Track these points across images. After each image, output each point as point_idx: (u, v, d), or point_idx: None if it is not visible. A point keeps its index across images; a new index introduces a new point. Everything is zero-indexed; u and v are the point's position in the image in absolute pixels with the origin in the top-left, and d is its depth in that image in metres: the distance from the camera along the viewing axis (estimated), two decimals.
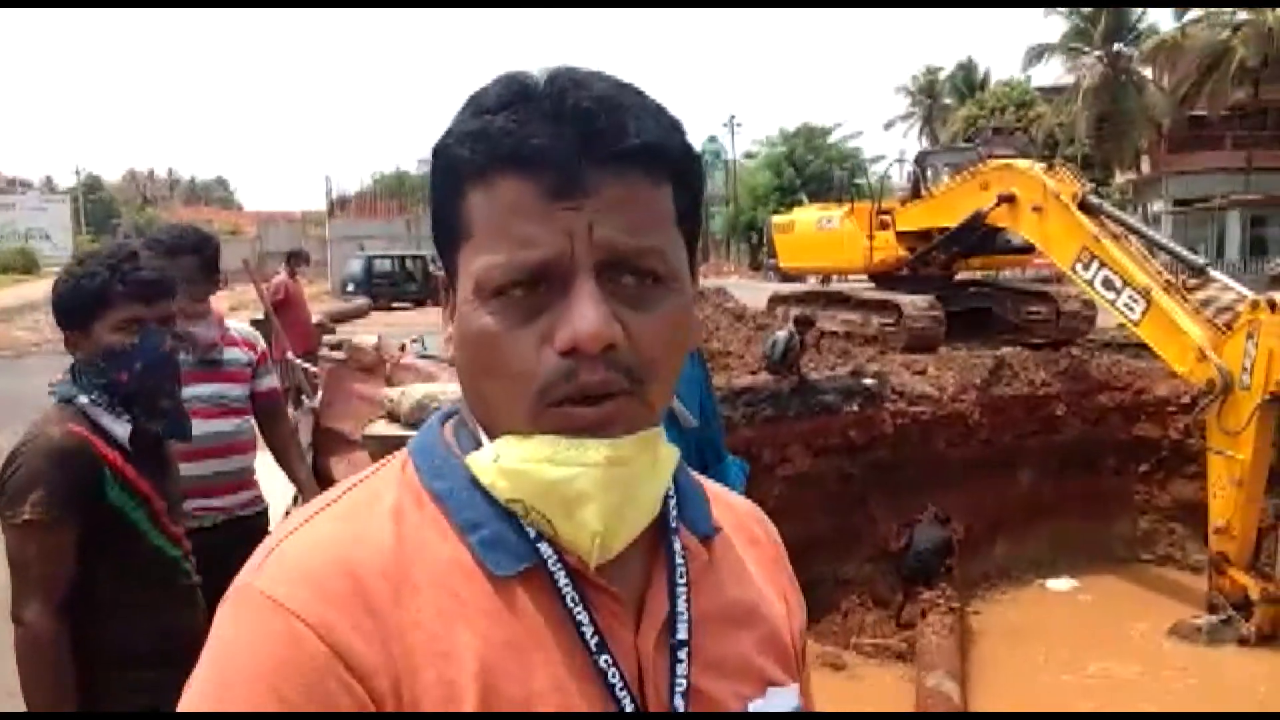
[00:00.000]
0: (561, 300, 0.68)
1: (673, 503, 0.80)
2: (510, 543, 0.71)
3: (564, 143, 0.68)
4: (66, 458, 2.01)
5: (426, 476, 0.75)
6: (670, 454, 0.76)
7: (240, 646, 0.66)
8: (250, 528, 3.03)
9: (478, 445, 0.75)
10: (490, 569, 0.70)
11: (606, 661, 0.70)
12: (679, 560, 0.78)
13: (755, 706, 0.78)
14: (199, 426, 2.91)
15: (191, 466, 2.89)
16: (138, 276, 2.14)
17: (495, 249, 0.69)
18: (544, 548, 0.71)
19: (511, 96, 0.70)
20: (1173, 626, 6.81)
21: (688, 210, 0.75)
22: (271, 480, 3.42)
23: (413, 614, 0.67)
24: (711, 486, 0.90)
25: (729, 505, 0.91)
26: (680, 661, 0.74)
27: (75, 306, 2.14)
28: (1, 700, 3.64)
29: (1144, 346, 7.67)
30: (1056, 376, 8.44)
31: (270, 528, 3.17)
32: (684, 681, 0.73)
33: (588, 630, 0.71)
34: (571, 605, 0.71)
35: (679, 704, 0.73)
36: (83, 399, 2.10)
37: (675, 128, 0.74)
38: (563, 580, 0.71)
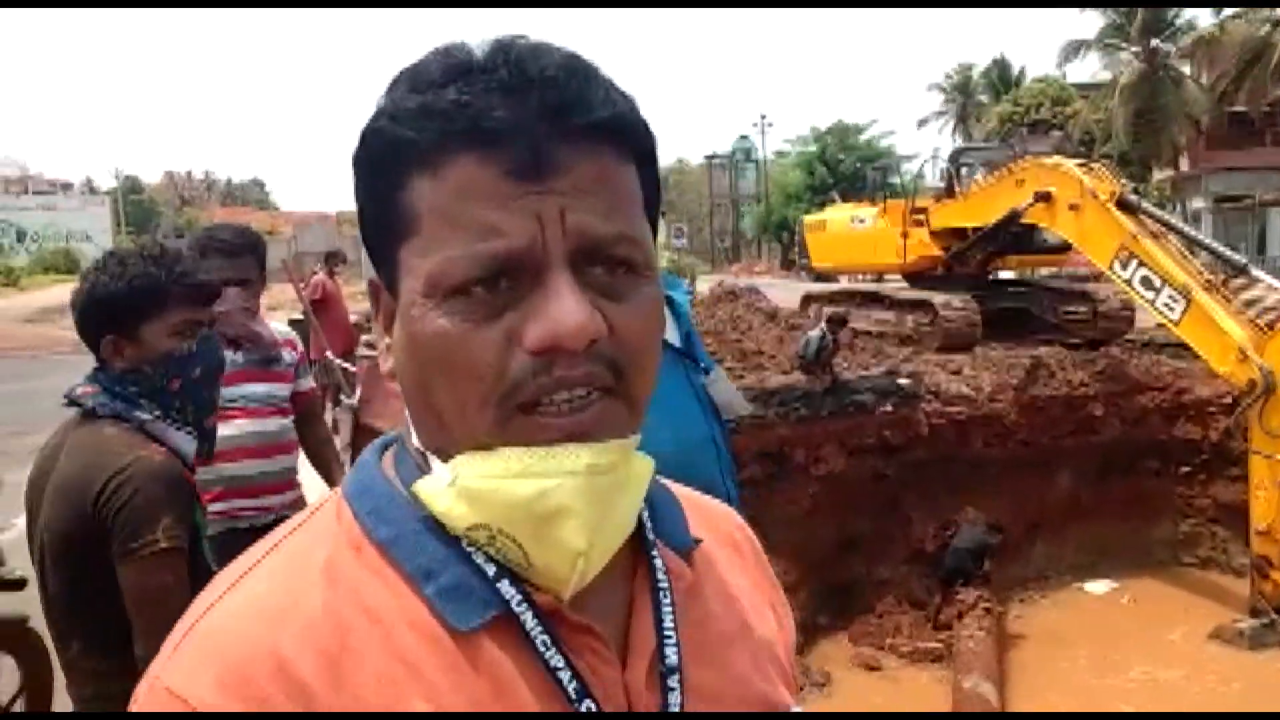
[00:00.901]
0: (531, 294, 0.60)
1: (646, 516, 0.71)
2: (473, 589, 0.62)
3: (529, 115, 0.59)
4: (175, 481, 1.90)
5: (368, 521, 0.65)
6: (646, 465, 0.68)
7: None
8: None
9: (424, 475, 0.66)
10: (452, 623, 0.62)
11: (590, 708, 0.63)
12: (661, 580, 0.70)
13: None
14: (258, 424, 2.93)
15: (258, 464, 2.95)
16: (194, 279, 2.04)
17: (451, 241, 0.60)
18: (506, 588, 0.63)
19: (458, 68, 0.61)
20: (1214, 630, 6.71)
21: (652, 195, 0.68)
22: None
23: (353, 692, 0.59)
24: (685, 493, 0.81)
25: (706, 512, 0.82)
26: (672, 690, 0.67)
27: (124, 309, 1.96)
28: None
29: (1184, 346, 7.57)
30: (1095, 377, 8.34)
31: None
32: (676, 710, 0.67)
33: (565, 675, 0.63)
34: (544, 650, 0.63)
35: None
36: (142, 415, 1.96)
37: (635, 102, 0.66)
38: (531, 624, 0.63)
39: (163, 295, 1.98)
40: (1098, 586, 7.87)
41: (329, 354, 5.80)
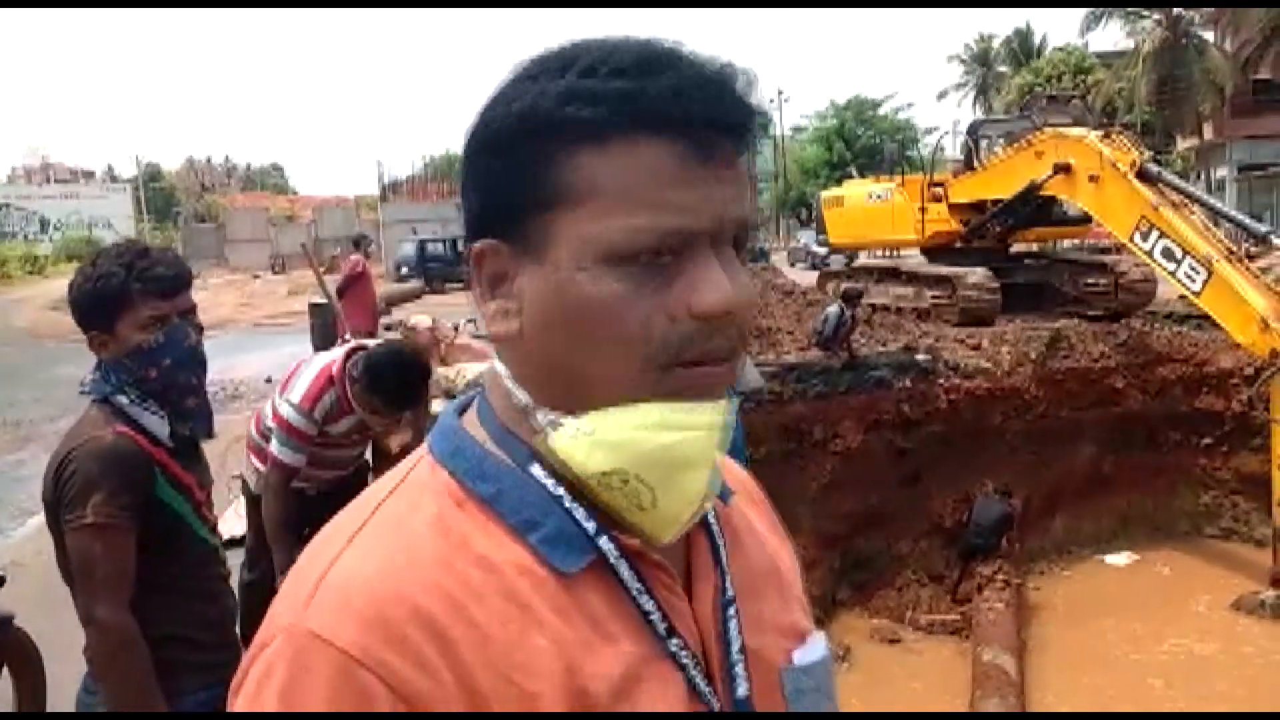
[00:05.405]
0: (691, 267, 0.67)
1: None
2: (571, 536, 0.69)
3: (711, 108, 0.67)
4: (120, 459, 2.03)
5: (468, 479, 0.71)
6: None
7: (298, 695, 0.62)
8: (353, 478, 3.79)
9: (515, 436, 0.72)
10: (558, 567, 0.68)
11: (677, 645, 0.70)
12: (713, 522, 0.78)
13: (799, 655, 0.79)
14: (346, 453, 3.74)
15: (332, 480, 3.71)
16: (154, 273, 2.11)
17: (633, 213, 0.66)
18: (603, 541, 0.70)
19: (636, 58, 0.67)
20: (1235, 601, 6.72)
21: None
22: None
23: (481, 630, 0.64)
24: None
25: (727, 467, 0.89)
26: (731, 619, 0.75)
27: (96, 308, 2.10)
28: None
29: (1206, 317, 7.52)
30: (1116, 349, 8.30)
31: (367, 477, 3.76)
32: (738, 638, 0.74)
33: (655, 617, 0.70)
34: (636, 595, 0.70)
35: (736, 657, 0.74)
36: (121, 399, 2.10)
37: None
38: (625, 570, 0.70)
39: (127, 293, 2.08)
40: (1117, 558, 7.86)
41: (349, 336, 5.85)
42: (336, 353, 3.66)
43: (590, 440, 0.68)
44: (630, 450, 0.67)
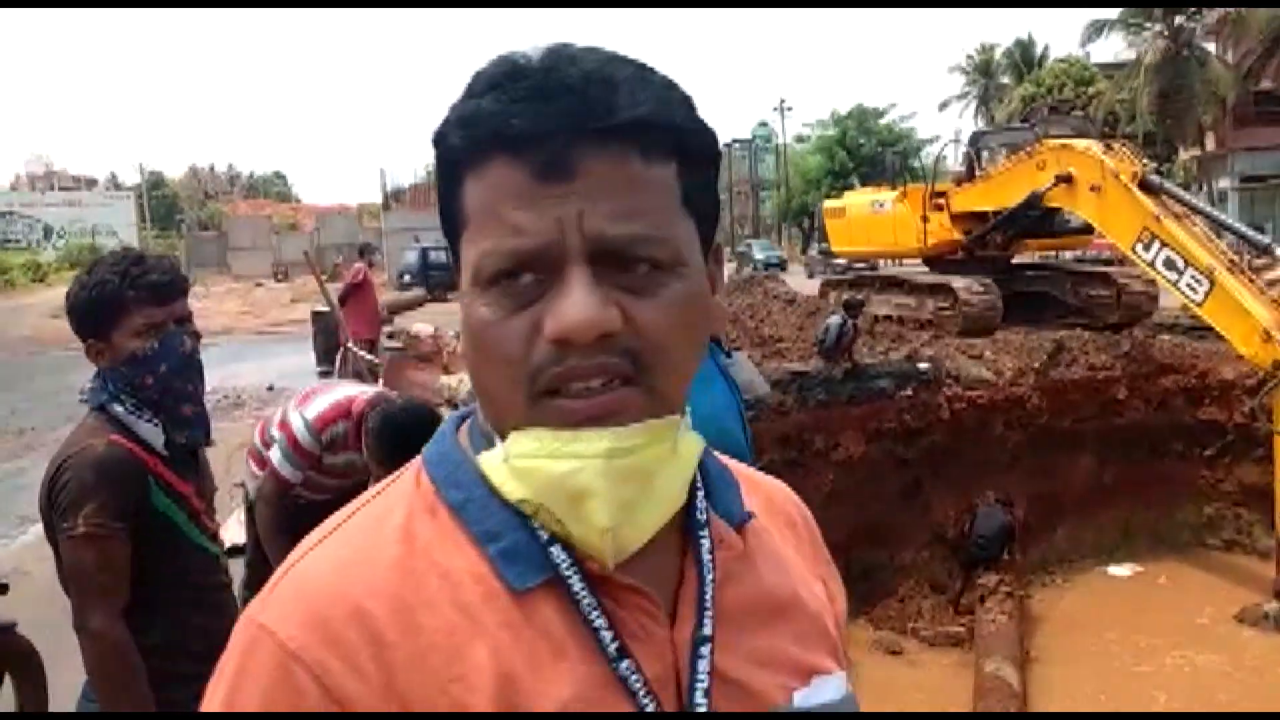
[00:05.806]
0: (552, 289, 0.65)
1: (700, 493, 0.75)
2: (530, 552, 0.68)
3: (549, 121, 0.63)
4: (113, 469, 2.03)
5: (442, 486, 0.71)
6: (693, 442, 0.71)
7: (242, 683, 0.66)
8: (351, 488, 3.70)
9: (490, 446, 0.71)
10: (510, 582, 0.67)
11: (628, 668, 0.67)
12: (706, 552, 0.74)
13: (800, 696, 0.74)
14: (331, 482, 3.61)
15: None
16: (148, 280, 2.11)
17: (488, 236, 0.66)
18: (557, 553, 0.68)
19: (500, 77, 0.66)
20: (1239, 612, 6.70)
21: (697, 189, 0.70)
22: None
23: (425, 638, 0.64)
24: (741, 470, 0.85)
25: (762, 488, 0.86)
26: (702, 658, 0.70)
27: (92, 316, 2.11)
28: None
29: (1208, 328, 7.52)
30: (1118, 359, 8.29)
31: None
32: (705, 678, 0.69)
33: (606, 637, 0.67)
34: (588, 611, 0.67)
35: (699, 700, 0.69)
36: (117, 407, 2.11)
37: (681, 101, 0.69)
38: (578, 587, 0.67)
39: (121, 300, 2.09)
40: (1120, 570, 7.85)
41: (350, 344, 5.88)
42: (365, 390, 3.74)
43: (506, 467, 0.68)
44: (533, 479, 0.66)
